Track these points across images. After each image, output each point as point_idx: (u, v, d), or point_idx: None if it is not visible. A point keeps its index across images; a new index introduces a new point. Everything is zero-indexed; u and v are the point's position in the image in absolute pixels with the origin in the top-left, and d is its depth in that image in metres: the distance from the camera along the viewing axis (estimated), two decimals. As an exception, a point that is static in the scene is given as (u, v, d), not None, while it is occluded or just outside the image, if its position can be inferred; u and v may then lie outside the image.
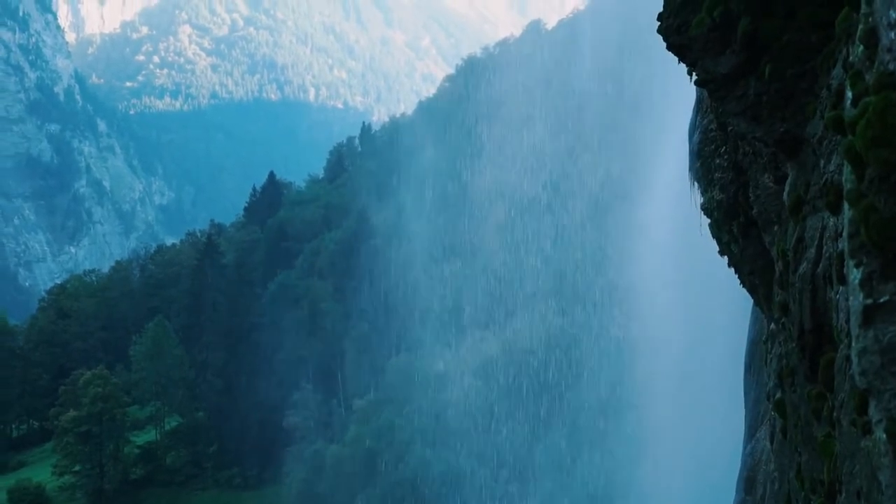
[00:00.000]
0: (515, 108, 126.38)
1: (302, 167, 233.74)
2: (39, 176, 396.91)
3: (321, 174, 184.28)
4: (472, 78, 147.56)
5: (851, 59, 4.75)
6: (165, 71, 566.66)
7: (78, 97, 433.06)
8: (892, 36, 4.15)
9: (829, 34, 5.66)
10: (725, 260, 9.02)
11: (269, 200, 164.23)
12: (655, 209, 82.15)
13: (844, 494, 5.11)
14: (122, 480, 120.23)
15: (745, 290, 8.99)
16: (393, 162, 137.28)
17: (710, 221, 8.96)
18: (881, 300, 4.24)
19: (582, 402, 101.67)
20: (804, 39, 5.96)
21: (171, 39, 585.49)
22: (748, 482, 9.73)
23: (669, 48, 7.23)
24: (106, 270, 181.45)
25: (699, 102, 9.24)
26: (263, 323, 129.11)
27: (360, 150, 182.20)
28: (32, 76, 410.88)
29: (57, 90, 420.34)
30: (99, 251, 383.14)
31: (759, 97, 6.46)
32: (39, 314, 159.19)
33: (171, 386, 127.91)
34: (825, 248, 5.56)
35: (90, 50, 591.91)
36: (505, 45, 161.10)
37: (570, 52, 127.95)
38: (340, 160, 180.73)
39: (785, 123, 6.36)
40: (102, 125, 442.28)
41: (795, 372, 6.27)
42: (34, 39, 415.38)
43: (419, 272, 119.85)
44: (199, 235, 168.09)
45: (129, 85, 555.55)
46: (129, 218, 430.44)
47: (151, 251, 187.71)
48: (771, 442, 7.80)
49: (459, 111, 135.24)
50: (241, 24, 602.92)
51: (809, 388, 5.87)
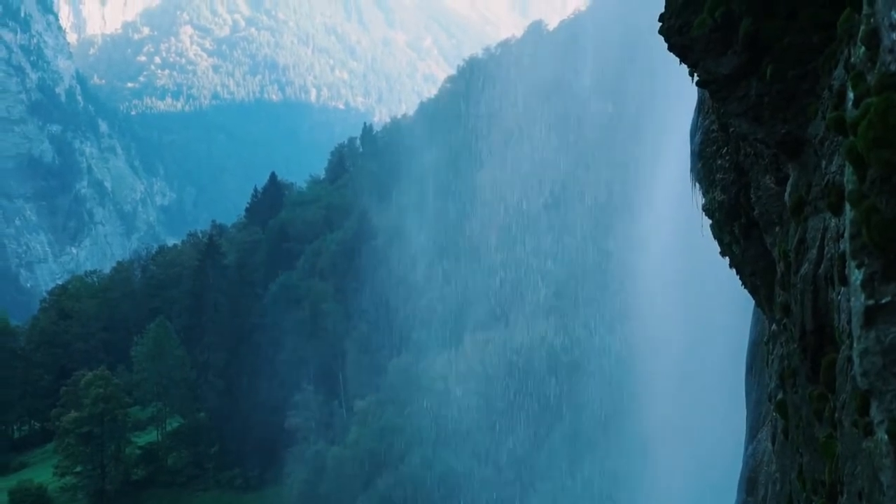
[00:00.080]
0: (517, 108, 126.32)
1: (303, 168, 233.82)
2: (41, 177, 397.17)
3: (322, 175, 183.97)
4: (473, 79, 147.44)
5: (853, 60, 4.76)
6: (167, 72, 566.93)
7: (79, 98, 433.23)
8: (893, 37, 4.15)
9: (830, 35, 5.67)
10: (726, 260, 9.03)
11: (270, 201, 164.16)
12: (656, 210, 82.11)
13: (846, 495, 5.11)
14: (123, 481, 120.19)
15: (745, 290, 9.00)
16: (394, 163, 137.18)
17: (711, 222, 8.96)
18: (883, 301, 4.24)
19: (583, 403, 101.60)
20: (806, 40, 5.97)
21: (172, 40, 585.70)
22: (750, 483, 9.74)
23: (671, 49, 7.24)
24: (107, 271, 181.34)
25: (701, 103, 9.25)
26: (265, 324, 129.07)
27: (361, 150, 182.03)
28: (34, 77, 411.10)
29: (58, 91, 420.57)
30: (100, 252, 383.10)
31: (760, 98, 6.47)
32: (41, 315, 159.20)
33: (172, 387, 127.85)
34: (827, 249, 5.56)
35: (91, 51, 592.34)
36: (506, 45, 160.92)
37: (571, 52, 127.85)
38: (342, 161, 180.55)
39: (786, 124, 6.36)
40: (104, 126, 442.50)
41: (797, 373, 6.27)
42: (35, 40, 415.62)
43: (420, 273, 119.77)
44: (200, 236, 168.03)
45: (130, 86, 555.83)
46: (130, 219, 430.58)
47: (153, 252, 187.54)
48: (772, 443, 7.80)
49: (461, 112, 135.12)
50: (242, 24, 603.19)
51: (811, 389, 5.87)
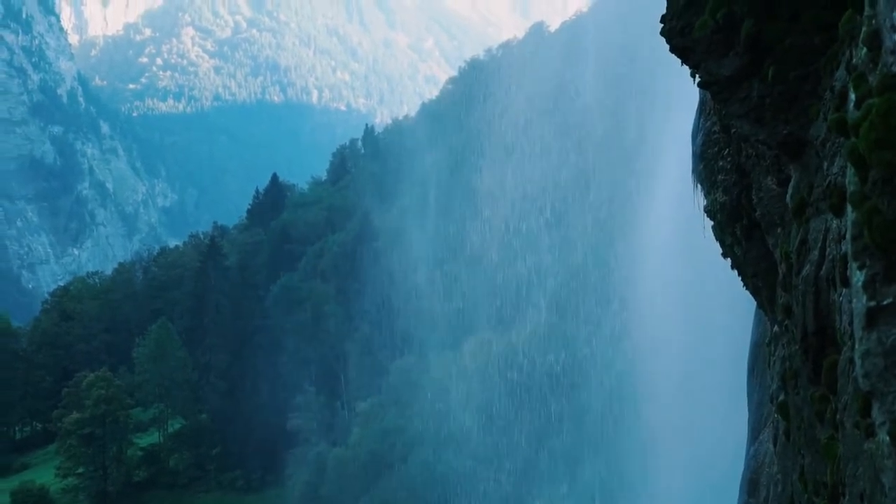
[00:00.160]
0: (519, 109, 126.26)
1: (305, 169, 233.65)
2: (42, 178, 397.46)
3: (324, 176, 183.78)
4: (475, 80, 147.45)
5: (855, 61, 4.75)
6: (168, 73, 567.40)
7: (81, 99, 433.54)
8: (895, 38, 4.15)
9: (832, 36, 5.66)
10: (728, 262, 9.03)
11: (272, 202, 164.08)
12: (658, 210, 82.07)
13: (848, 497, 5.10)
14: (125, 482, 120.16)
15: (747, 292, 9.00)
16: (396, 164, 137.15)
17: (713, 224, 8.96)
18: (884, 302, 4.24)
19: (585, 404, 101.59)
20: (807, 42, 5.96)
21: (173, 41, 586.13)
22: (751, 484, 9.73)
23: (672, 51, 7.23)
24: (109, 272, 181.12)
25: (702, 105, 9.24)
26: (266, 325, 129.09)
27: (362, 152, 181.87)
28: (35, 78, 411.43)
29: (60, 92, 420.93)
30: (102, 253, 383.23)
31: (762, 99, 6.46)
32: (42, 316, 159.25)
33: (174, 388, 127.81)
34: (828, 250, 5.55)
35: (93, 52, 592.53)
36: (508, 47, 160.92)
37: (573, 53, 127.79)
38: (343, 162, 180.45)
39: (788, 126, 6.36)
40: (105, 127, 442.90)
41: (799, 374, 6.27)
42: (37, 41, 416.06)
43: (422, 274, 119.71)
44: (202, 238, 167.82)
45: (132, 87, 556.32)
46: (131, 220, 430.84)
47: (154, 253, 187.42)
48: (774, 444, 7.79)
49: (462, 113, 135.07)
50: (244, 26, 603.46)
51: (813, 390, 5.87)
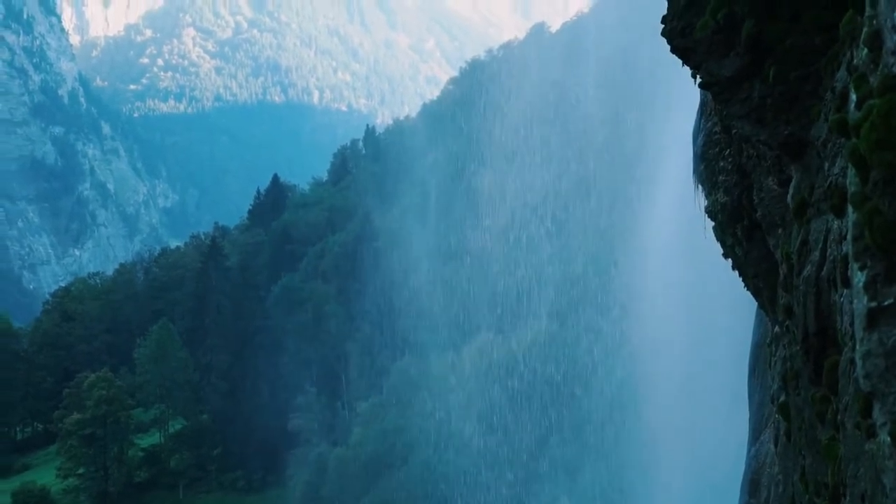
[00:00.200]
0: (519, 110, 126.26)
1: (306, 170, 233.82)
2: (43, 178, 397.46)
3: (325, 177, 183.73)
4: (476, 81, 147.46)
5: (856, 61, 4.75)
6: (169, 74, 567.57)
7: (82, 100, 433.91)
8: (896, 39, 4.15)
9: (833, 37, 5.66)
10: (729, 262, 9.02)
11: (272, 203, 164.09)
12: (659, 212, 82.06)
13: (849, 498, 5.10)
14: (125, 483, 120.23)
15: (748, 292, 8.99)
16: (397, 165, 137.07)
17: (713, 224, 8.96)
18: (885, 303, 4.24)
19: (586, 405, 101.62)
20: (808, 42, 5.96)
21: (174, 42, 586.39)
22: (752, 485, 9.73)
23: (674, 51, 7.23)
24: (110, 273, 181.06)
25: (703, 105, 9.24)
26: (267, 326, 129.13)
27: (363, 152, 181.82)
28: (36, 79, 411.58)
29: (61, 93, 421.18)
30: (103, 254, 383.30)
31: (763, 100, 6.46)
32: (43, 317, 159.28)
33: (175, 389, 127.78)
34: (829, 250, 5.55)
35: (94, 53, 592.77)
36: (509, 48, 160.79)
37: (574, 54, 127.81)
38: (344, 163, 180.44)
39: (789, 126, 6.35)
40: (106, 128, 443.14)
41: (800, 375, 6.26)
42: (38, 42, 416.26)
43: (423, 275, 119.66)
44: (202, 238, 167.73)
45: (132, 88, 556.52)
46: (132, 220, 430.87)
47: (155, 254, 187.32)
48: (775, 445, 7.79)
49: (463, 114, 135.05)
50: (244, 26, 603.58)
51: (814, 391, 5.86)
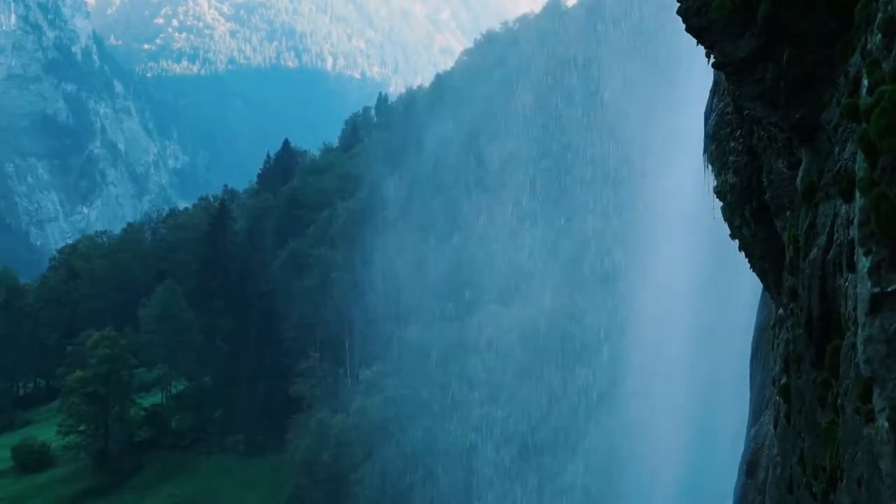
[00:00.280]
0: (533, 83, 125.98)
1: (317, 135, 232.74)
2: (54, 135, 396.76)
3: (336, 143, 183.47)
4: (490, 53, 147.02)
5: (869, 46, 4.74)
6: (184, 35, 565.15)
7: (95, 58, 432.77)
8: (911, 25, 4.14)
9: (848, 22, 5.64)
10: (736, 242, 9.03)
11: (283, 168, 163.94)
12: (671, 185, 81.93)
13: (845, 482, 5.12)
14: (126, 442, 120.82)
15: (754, 272, 9.01)
16: (408, 134, 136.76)
17: (722, 204, 8.96)
18: (889, 289, 4.25)
19: (589, 378, 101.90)
20: (823, 26, 5.94)
21: (190, 3, 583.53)
22: (751, 465, 9.77)
23: (689, 30, 7.22)
24: (118, 232, 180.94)
25: (716, 85, 9.23)
26: (273, 290, 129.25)
27: (375, 120, 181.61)
28: (50, 35, 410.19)
29: (74, 50, 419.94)
30: (111, 213, 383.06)
31: (776, 82, 6.45)
32: (50, 273, 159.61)
33: (178, 350, 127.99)
34: (836, 235, 5.55)
35: (109, 11, 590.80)
36: (525, 20, 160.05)
37: (590, 28, 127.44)
38: (356, 130, 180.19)
39: (801, 109, 6.34)
40: (119, 87, 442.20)
41: (802, 358, 6.28)
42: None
43: (430, 245, 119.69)
44: (211, 200, 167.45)
45: (146, 47, 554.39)
46: (142, 180, 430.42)
47: (164, 214, 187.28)
48: (774, 427, 7.81)
49: (477, 85, 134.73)
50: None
51: (815, 374, 5.87)
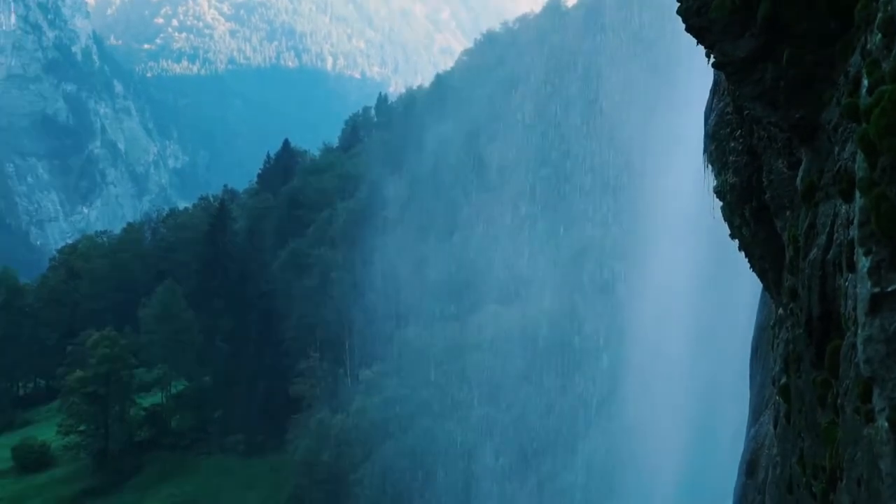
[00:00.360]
0: (533, 84, 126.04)
1: (317, 135, 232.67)
2: (54, 135, 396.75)
3: (336, 143, 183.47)
4: (490, 53, 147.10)
5: (869, 46, 4.75)
6: (184, 35, 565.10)
7: (95, 58, 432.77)
8: (911, 25, 4.14)
9: (848, 21, 5.64)
10: (736, 243, 9.03)
11: (283, 168, 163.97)
12: (671, 186, 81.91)
13: (845, 481, 5.12)
14: (126, 442, 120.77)
15: (754, 273, 9.01)
16: (408, 134, 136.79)
17: (722, 204, 8.96)
18: (888, 289, 4.24)
19: (588, 379, 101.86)
20: (823, 26, 5.94)
21: (190, 3, 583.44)
22: (750, 465, 9.77)
23: (688, 30, 7.22)
24: (118, 232, 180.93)
25: (716, 85, 9.23)
26: (273, 290, 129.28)
27: (375, 120, 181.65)
28: (50, 35, 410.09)
29: (74, 50, 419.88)
30: (111, 212, 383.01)
31: (776, 82, 6.45)
32: (50, 273, 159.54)
33: (178, 350, 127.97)
34: (836, 235, 5.55)
35: (109, 11, 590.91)
36: (524, 21, 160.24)
37: (589, 28, 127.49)
38: (356, 130, 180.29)
39: (801, 109, 6.34)
40: (119, 87, 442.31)
41: (802, 358, 6.28)
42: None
43: (430, 245, 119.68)
44: (211, 200, 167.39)
45: (146, 47, 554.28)
46: (142, 180, 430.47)
47: (164, 214, 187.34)
48: (774, 427, 7.81)
49: (477, 85, 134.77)
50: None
51: (815, 374, 5.87)
